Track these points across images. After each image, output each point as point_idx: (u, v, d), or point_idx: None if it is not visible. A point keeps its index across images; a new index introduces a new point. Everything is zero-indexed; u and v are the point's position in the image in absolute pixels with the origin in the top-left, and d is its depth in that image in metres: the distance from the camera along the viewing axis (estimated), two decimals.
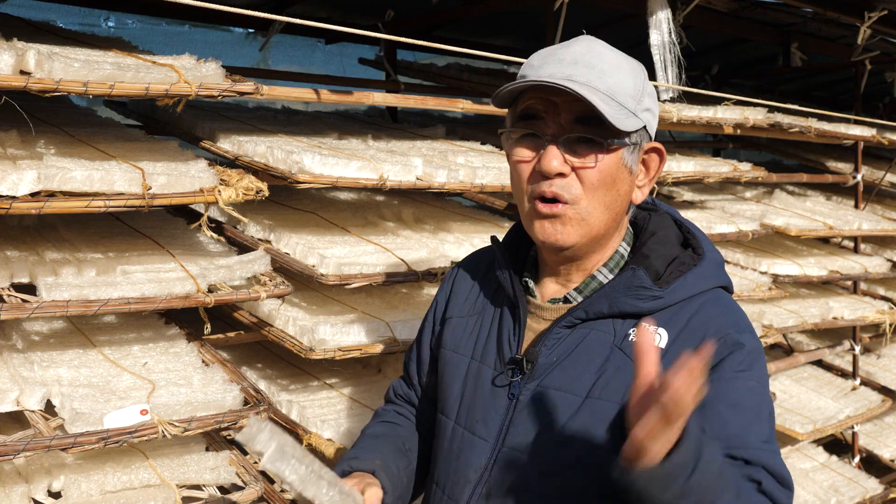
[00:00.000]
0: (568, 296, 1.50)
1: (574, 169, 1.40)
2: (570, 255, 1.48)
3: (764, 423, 1.35)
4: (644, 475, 1.12)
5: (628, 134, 1.41)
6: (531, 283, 1.56)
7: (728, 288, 1.53)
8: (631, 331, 1.41)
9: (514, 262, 1.57)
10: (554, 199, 1.41)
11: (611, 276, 1.49)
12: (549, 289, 1.54)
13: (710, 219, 3.77)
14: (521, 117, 1.45)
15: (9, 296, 1.99)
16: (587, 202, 1.41)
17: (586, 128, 1.39)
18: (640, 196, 1.50)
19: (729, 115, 3.65)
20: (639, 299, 1.41)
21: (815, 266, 4.14)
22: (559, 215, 1.41)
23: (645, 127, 1.44)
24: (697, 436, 1.14)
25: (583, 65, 1.39)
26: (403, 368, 1.84)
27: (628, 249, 1.53)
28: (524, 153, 1.44)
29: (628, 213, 1.53)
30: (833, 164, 5.00)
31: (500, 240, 1.64)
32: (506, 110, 1.53)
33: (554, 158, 1.39)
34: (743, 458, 1.29)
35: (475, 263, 1.72)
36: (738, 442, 1.30)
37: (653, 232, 1.51)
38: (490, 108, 3.11)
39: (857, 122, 4.41)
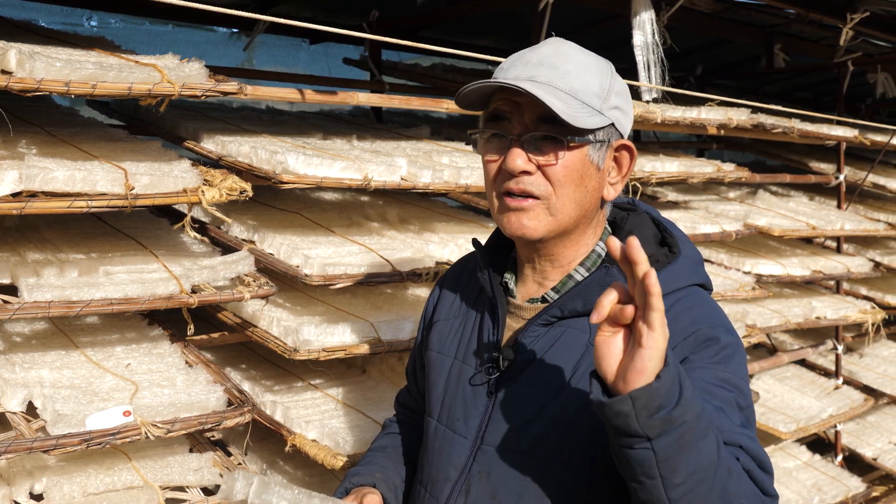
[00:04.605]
0: (546, 295, 1.52)
1: (539, 167, 1.43)
2: (543, 250, 1.50)
3: (738, 413, 1.34)
4: (633, 396, 1.11)
5: (592, 131, 1.43)
6: (511, 284, 1.58)
7: (706, 286, 1.53)
8: None
9: (495, 264, 1.60)
10: (522, 195, 1.44)
11: (587, 275, 1.50)
12: (529, 289, 1.56)
13: (693, 219, 3.79)
14: (490, 119, 1.48)
15: None
16: (556, 198, 1.43)
17: (548, 126, 1.41)
18: (612, 193, 1.51)
19: (713, 115, 3.67)
20: None
21: (798, 266, 4.16)
22: (526, 208, 1.44)
23: (613, 125, 1.46)
24: (677, 366, 1.14)
25: (547, 66, 1.42)
26: (406, 377, 1.90)
27: (606, 249, 1.54)
28: (492, 153, 1.48)
29: (603, 210, 1.55)
30: (816, 165, 5.03)
31: (483, 242, 1.65)
32: None
33: (518, 157, 1.42)
34: None
35: (462, 268, 1.75)
36: None
37: (629, 231, 1.53)
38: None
39: (839, 123, 4.44)
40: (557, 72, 1.41)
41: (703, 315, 1.43)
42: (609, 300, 1.15)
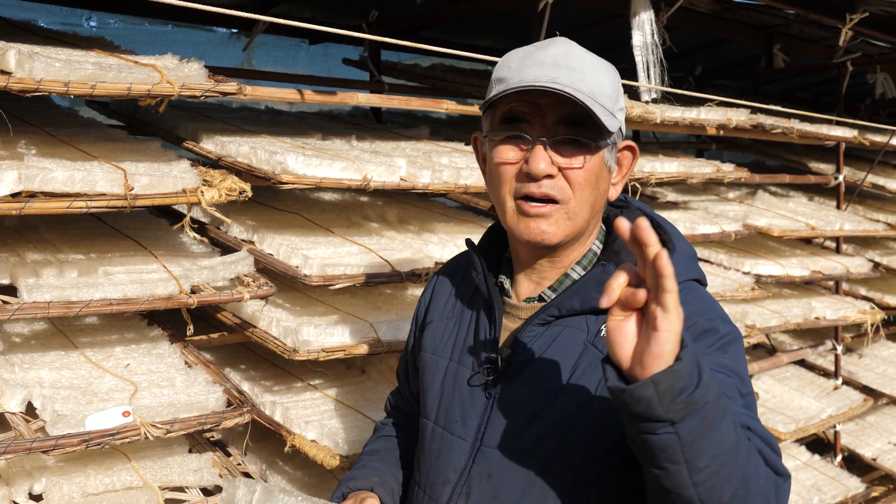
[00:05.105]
0: (542, 294, 1.51)
1: (561, 169, 1.41)
2: (551, 253, 1.49)
3: (739, 398, 1.32)
4: (655, 380, 1.09)
5: (611, 134, 1.43)
6: (506, 284, 1.57)
7: (701, 281, 1.53)
8: (603, 326, 1.42)
9: (489, 264, 1.58)
10: (542, 199, 1.42)
11: (584, 273, 1.50)
12: (525, 288, 1.55)
13: (693, 219, 3.79)
14: (504, 120, 1.45)
15: None
16: (575, 202, 1.43)
17: (572, 129, 1.40)
18: (614, 193, 1.52)
19: (712, 116, 3.67)
20: None
21: (797, 266, 4.17)
22: (547, 214, 1.42)
23: (620, 126, 1.47)
24: (694, 347, 1.12)
25: (564, 67, 1.40)
26: (397, 379, 1.88)
27: (601, 247, 1.54)
28: (509, 155, 1.44)
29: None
30: (815, 165, 5.03)
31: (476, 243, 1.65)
32: None
33: (542, 160, 1.40)
34: None
35: (454, 268, 1.73)
36: None
37: None
38: (474, 109, 3.12)
39: (838, 124, 4.44)
40: (575, 73, 1.39)
41: (700, 309, 1.43)
42: (619, 283, 1.13)
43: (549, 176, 1.41)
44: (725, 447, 1.14)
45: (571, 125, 1.40)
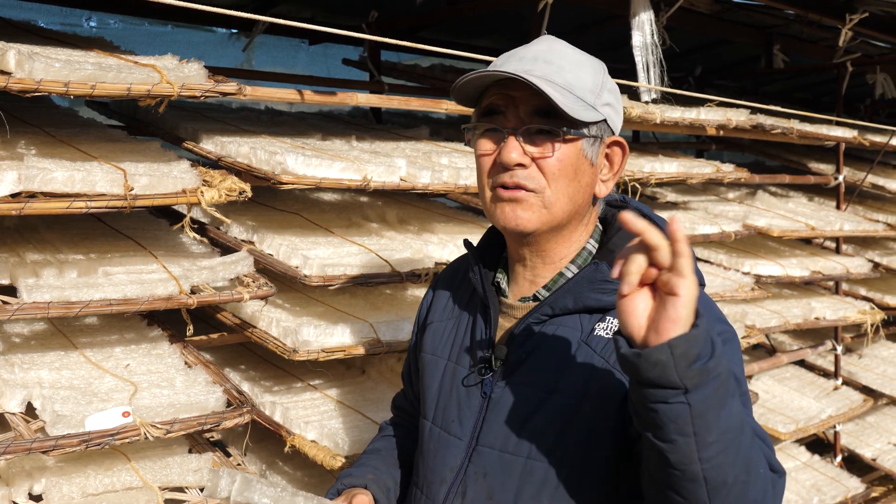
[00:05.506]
0: (537, 293, 1.52)
1: (534, 160, 1.43)
2: (535, 246, 1.50)
3: (737, 396, 1.32)
4: (671, 343, 1.08)
5: (586, 125, 1.44)
6: (503, 283, 1.58)
7: (699, 281, 1.53)
8: (597, 325, 1.43)
9: (487, 264, 1.60)
10: (516, 188, 1.44)
11: (577, 272, 1.50)
12: (520, 288, 1.56)
13: (693, 220, 3.79)
14: (484, 113, 1.49)
15: None
16: (550, 192, 1.44)
17: (544, 119, 1.42)
18: (604, 190, 1.52)
19: (712, 116, 3.67)
20: (603, 293, 1.43)
21: (797, 267, 4.17)
22: (520, 200, 1.44)
23: (605, 121, 1.47)
24: (708, 321, 1.12)
25: (542, 61, 1.43)
26: (402, 379, 1.89)
27: (597, 246, 1.54)
28: (486, 146, 1.48)
29: (595, 207, 1.55)
30: (815, 166, 5.03)
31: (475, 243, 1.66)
32: None
33: (513, 150, 1.42)
34: None
35: (455, 270, 1.75)
36: None
37: (619, 227, 1.53)
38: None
39: (838, 124, 4.44)
40: (552, 66, 1.42)
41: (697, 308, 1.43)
42: (637, 262, 1.13)
43: (522, 165, 1.43)
44: (733, 425, 1.14)
45: (545, 116, 1.42)
